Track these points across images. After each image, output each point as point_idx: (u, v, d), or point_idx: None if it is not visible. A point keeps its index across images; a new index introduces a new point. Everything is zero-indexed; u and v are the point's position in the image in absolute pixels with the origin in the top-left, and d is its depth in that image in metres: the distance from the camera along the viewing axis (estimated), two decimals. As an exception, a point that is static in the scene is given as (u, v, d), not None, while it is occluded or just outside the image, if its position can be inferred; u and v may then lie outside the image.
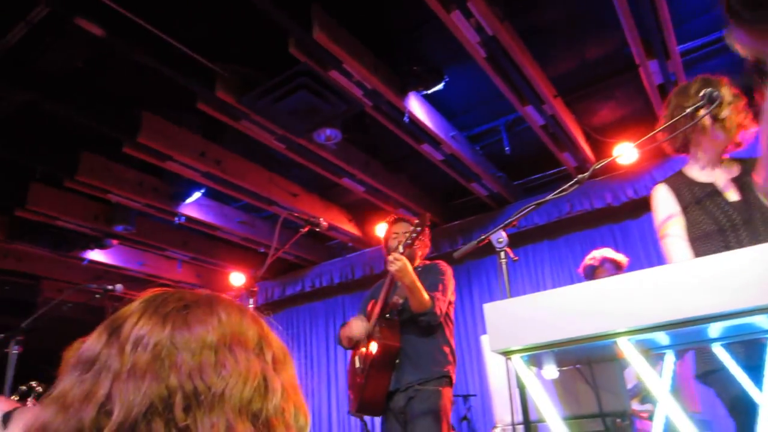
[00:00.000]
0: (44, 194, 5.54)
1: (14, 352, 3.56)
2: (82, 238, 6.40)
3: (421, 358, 3.11)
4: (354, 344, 3.32)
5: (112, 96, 4.46)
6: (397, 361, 3.14)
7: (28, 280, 7.26)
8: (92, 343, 0.63)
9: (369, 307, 3.39)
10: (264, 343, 0.68)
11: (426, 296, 3.05)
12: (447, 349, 3.20)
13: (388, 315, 3.20)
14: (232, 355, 0.62)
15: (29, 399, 4.46)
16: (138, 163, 5.30)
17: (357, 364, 3.30)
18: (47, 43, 3.73)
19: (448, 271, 3.39)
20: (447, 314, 3.28)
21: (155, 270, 7.50)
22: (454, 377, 3.16)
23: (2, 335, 3.58)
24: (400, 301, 3.24)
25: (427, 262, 3.53)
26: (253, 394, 0.60)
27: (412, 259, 3.30)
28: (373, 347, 3.11)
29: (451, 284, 3.34)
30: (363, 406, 3.15)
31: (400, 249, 3.02)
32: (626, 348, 1.68)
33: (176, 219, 6.11)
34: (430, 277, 3.29)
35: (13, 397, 5.16)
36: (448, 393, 3.09)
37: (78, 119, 4.39)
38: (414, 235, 3.04)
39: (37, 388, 4.65)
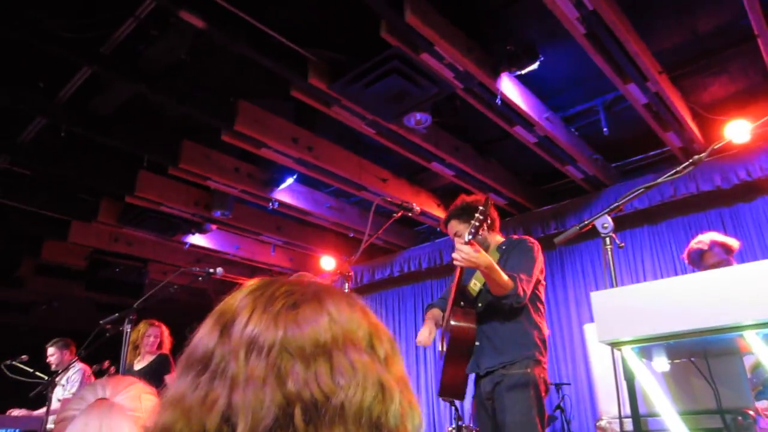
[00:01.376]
0: (151, 181, 5.88)
1: (128, 330, 3.77)
2: (184, 223, 6.75)
3: (503, 341, 2.94)
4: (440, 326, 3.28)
5: (211, 86, 4.64)
6: (477, 343, 3.01)
7: (137, 262, 7.76)
8: (204, 339, 0.62)
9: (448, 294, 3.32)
10: (375, 339, 0.65)
11: (506, 278, 2.81)
12: (534, 333, 2.97)
13: (462, 303, 3.07)
14: (347, 359, 0.60)
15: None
16: (235, 150, 5.51)
17: (438, 347, 3.28)
18: (153, 36, 3.92)
19: (535, 247, 3.13)
20: (536, 295, 3.05)
21: (250, 254, 7.81)
22: (544, 361, 2.94)
23: (117, 314, 3.83)
24: (477, 286, 3.11)
25: (514, 236, 3.32)
26: (372, 402, 0.58)
27: (485, 243, 3.15)
28: (448, 336, 3.04)
29: (539, 262, 3.08)
30: (444, 389, 3.08)
31: (467, 237, 2.82)
32: (754, 342, 1.55)
33: (270, 204, 6.30)
34: (514, 254, 3.09)
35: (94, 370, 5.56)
36: (540, 373, 2.86)
37: (180, 109, 4.61)
38: (477, 223, 2.83)
39: (109, 368, 4.98)
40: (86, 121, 4.70)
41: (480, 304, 3.08)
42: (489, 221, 2.91)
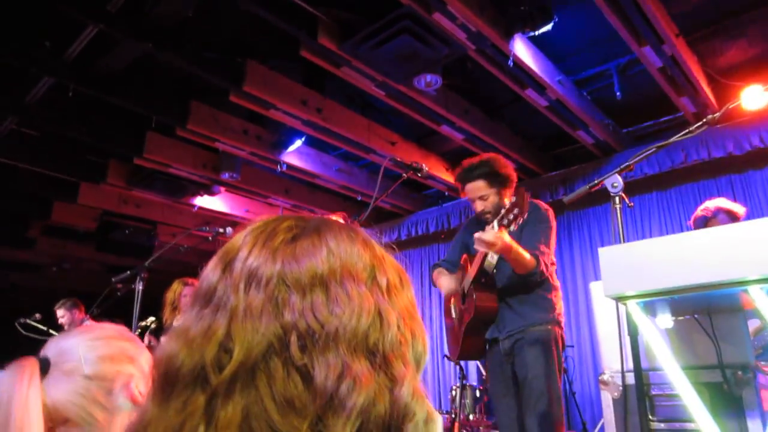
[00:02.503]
0: (159, 143, 5.89)
1: (139, 288, 3.83)
2: (192, 185, 6.78)
3: (524, 307, 2.97)
4: None
5: (219, 45, 4.60)
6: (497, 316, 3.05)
7: (146, 224, 7.83)
8: (208, 275, 0.64)
9: (462, 260, 3.28)
10: (377, 270, 0.66)
11: (528, 257, 2.83)
12: (551, 296, 3.02)
13: (483, 280, 3.06)
14: (343, 290, 0.61)
15: (146, 334, 4.87)
16: (243, 111, 5.49)
17: (453, 313, 3.27)
18: (160, -7, 3.88)
19: (550, 215, 3.14)
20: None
21: (259, 216, 7.84)
22: (562, 320, 3.00)
23: (128, 272, 3.89)
24: (495, 259, 3.09)
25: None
26: (368, 330, 0.59)
27: (499, 207, 3.04)
28: (469, 310, 3.03)
29: (554, 230, 3.13)
30: (463, 355, 3.13)
31: (495, 226, 2.72)
32: (758, 296, 1.57)
33: (278, 167, 6.31)
34: (529, 225, 3.03)
35: (135, 332, 5.65)
36: (558, 331, 2.93)
37: (188, 69, 4.57)
38: (511, 217, 2.70)
39: (152, 325, 5.06)
40: (94, 81, 4.68)
41: (498, 275, 3.09)
42: (518, 221, 2.76)
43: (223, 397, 0.54)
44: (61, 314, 5.75)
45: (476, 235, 2.73)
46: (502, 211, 2.72)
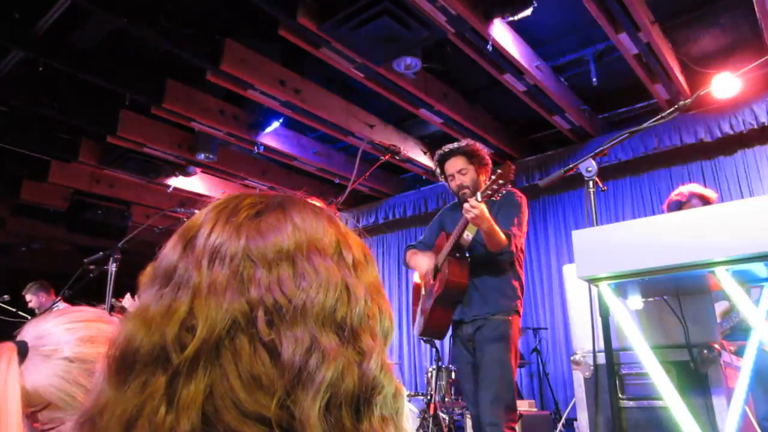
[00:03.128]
0: (133, 121, 5.78)
1: (113, 269, 3.78)
2: (167, 165, 6.69)
3: (491, 292, 3.10)
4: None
5: (196, 22, 4.52)
6: (465, 295, 3.16)
7: (119, 205, 7.70)
8: (168, 254, 0.62)
9: (438, 240, 3.37)
10: (343, 246, 0.65)
11: (503, 236, 2.96)
12: (516, 284, 3.16)
13: (458, 255, 3.15)
14: (310, 265, 0.60)
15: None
16: (220, 91, 5.42)
17: (423, 291, 3.36)
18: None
19: (523, 201, 3.28)
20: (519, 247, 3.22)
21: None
22: (521, 309, 3.17)
23: (101, 253, 3.83)
24: (470, 237, 3.17)
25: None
26: (335, 304, 0.58)
27: (476, 186, 3.21)
28: (440, 283, 3.11)
29: (526, 216, 3.26)
30: (426, 331, 3.24)
31: (479, 197, 2.85)
32: (724, 277, 1.62)
33: (255, 148, 6.26)
34: (504, 208, 3.20)
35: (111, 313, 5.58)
36: (516, 321, 3.09)
37: (163, 46, 4.48)
38: (495, 187, 2.82)
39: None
40: (65, 56, 4.56)
41: (470, 255, 3.19)
42: (503, 191, 2.90)
43: (185, 377, 0.53)
44: (29, 298, 5.65)
45: (471, 203, 2.84)
46: (488, 182, 2.85)
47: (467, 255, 3.19)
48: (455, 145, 3.31)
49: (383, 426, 0.57)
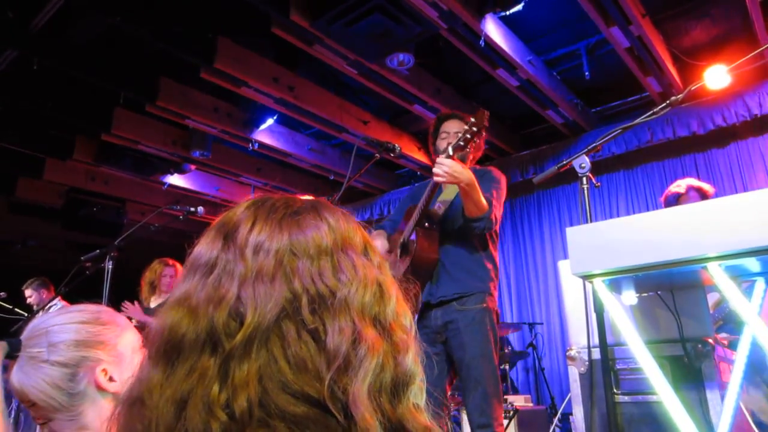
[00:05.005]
0: (127, 119, 5.77)
1: (109, 266, 3.78)
2: (162, 162, 6.68)
3: (460, 271, 2.80)
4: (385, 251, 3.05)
5: (190, 21, 4.51)
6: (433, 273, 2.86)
7: (115, 202, 7.68)
8: (207, 248, 0.65)
9: (406, 215, 3.07)
10: (369, 248, 0.70)
11: (483, 200, 2.66)
12: (490, 265, 2.86)
13: (426, 224, 2.86)
14: (348, 260, 0.64)
15: None
16: (213, 88, 5.41)
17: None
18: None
19: (502, 178, 2.99)
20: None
21: (230, 195, 7.78)
22: (495, 293, 2.86)
23: (98, 251, 3.83)
24: (441, 209, 2.94)
25: (478, 167, 3.08)
26: (372, 299, 0.62)
27: (464, 161, 2.85)
28: (407, 257, 2.82)
29: (504, 192, 2.94)
30: None
31: (450, 151, 2.58)
32: (716, 273, 1.64)
33: (250, 145, 6.25)
34: (482, 183, 2.82)
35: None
36: (493, 306, 2.80)
37: (157, 44, 4.48)
38: (468, 136, 2.52)
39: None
40: (60, 54, 4.55)
41: (439, 229, 2.91)
42: (476, 140, 2.61)
43: (239, 359, 0.56)
44: (29, 294, 5.65)
45: (437, 160, 2.58)
46: (465, 128, 2.58)
47: (435, 227, 2.89)
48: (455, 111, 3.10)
49: (417, 412, 0.61)
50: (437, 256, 2.84)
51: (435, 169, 2.58)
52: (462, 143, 2.57)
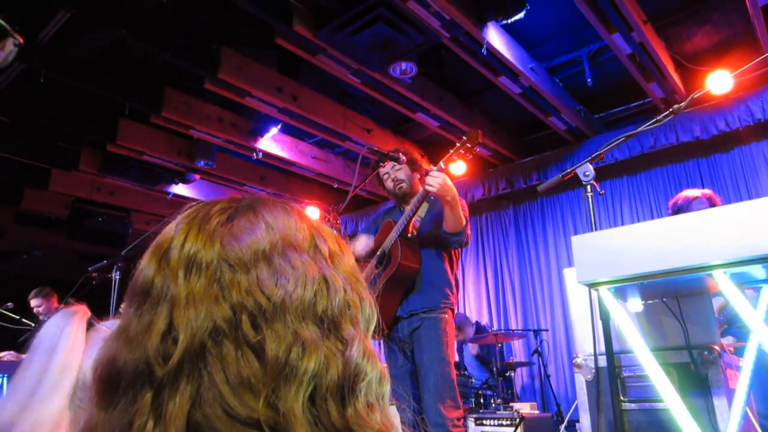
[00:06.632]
0: (132, 130, 5.80)
1: (117, 277, 3.79)
2: (166, 172, 6.71)
3: (429, 285, 2.98)
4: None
5: (193, 32, 4.55)
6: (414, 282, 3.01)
7: (120, 212, 7.72)
8: (143, 270, 0.62)
9: (378, 237, 3.20)
10: (318, 239, 0.66)
11: (462, 215, 2.88)
12: (452, 279, 3.06)
13: (409, 235, 3.00)
14: (287, 262, 0.60)
15: None
16: (217, 99, 5.45)
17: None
18: (133, -21, 3.82)
19: (464, 201, 3.15)
20: None
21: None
22: (455, 306, 3.08)
23: (105, 262, 3.85)
24: (417, 225, 3.08)
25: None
26: (315, 297, 0.59)
27: (409, 181, 3.13)
28: (390, 266, 2.94)
29: (467, 213, 3.09)
30: None
31: (441, 164, 2.77)
32: (722, 281, 1.65)
33: (254, 154, 6.28)
34: (439, 204, 3.03)
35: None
36: (451, 318, 3.00)
37: (162, 56, 4.52)
38: (461, 151, 2.73)
39: None
40: (66, 67, 4.59)
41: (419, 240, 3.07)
42: (471, 154, 2.82)
43: (170, 389, 0.53)
44: (38, 303, 5.65)
45: (431, 173, 2.77)
46: (457, 144, 2.78)
47: (416, 239, 3.04)
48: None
49: (369, 412, 0.58)
50: (419, 266, 2.98)
51: (429, 180, 2.76)
52: (455, 158, 2.76)
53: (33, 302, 5.67)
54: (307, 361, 0.55)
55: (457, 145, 2.77)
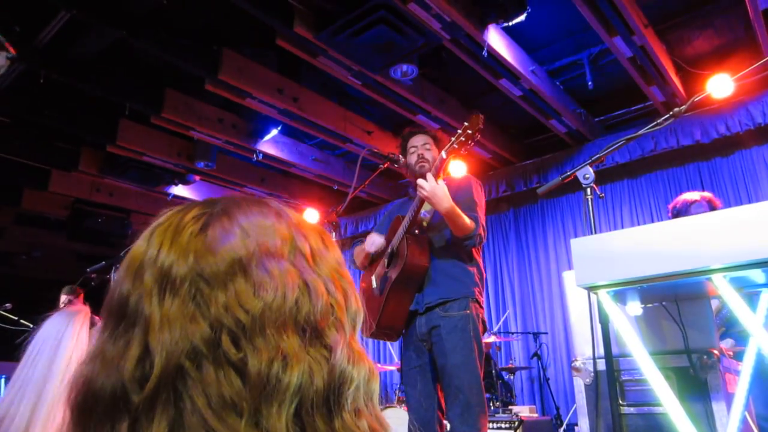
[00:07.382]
0: (132, 130, 5.80)
1: (114, 278, 3.77)
2: (166, 173, 6.71)
3: (444, 277, 2.81)
4: (369, 262, 3.07)
5: (194, 33, 4.56)
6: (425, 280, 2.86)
7: (120, 213, 7.72)
8: (118, 287, 0.58)
9: (391, 228, 3.06)
10: (297, 240, 0.62)
11: (468, 220, 2.71)
12: (473, 269, 2.87)
13: (417, 231, 2.88)
14: (264, 271, 0.57)
15: None
16: (218, 100, 5.45)
17: (374, 284, 2.98)
18: (134, -20, 3.82)
19: (480, 188, 3.04)
20: None
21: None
22: (481, 299, 2.87)
23: (104, 263, 3.84)
24: (427, 217, 2.96)
25: (455, 178, 3.14)
26: (295, 305, 0.57)
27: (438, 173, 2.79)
28: (397, 265, 2.80)
29: (484, 200, 2.98)
30: (380, 328, 2.84)
31: (443, 155, 2.63)
32: (721, 285, 1.64)
33: (254, 156, 6.28)
34: (461, 192, 2.90)
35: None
36: (478, 312, 2.78)
37: (162, 57, 4.52)
38: (462, 138, 2.57)
39: None
40: (66, 68, 4.60)
41: (430, 236, 2.95)
42: (472, 140, 2.65)
43: (146, 417, 0.50)
44: (65, 300, 5.62)
45: (419, 182, 2.64)
46: (458, 131, 2.62)
47: (423, 234, 2.91)
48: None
49: (356, 420, 0.56)
50: (428, 264, 2.83)
51: (420, 182, 2.65)
52: (456, 146, 2.62)
53: (63, 298, 5.67)
54: (290, 374, 0.53)
55: (459, 132, 2.63)
